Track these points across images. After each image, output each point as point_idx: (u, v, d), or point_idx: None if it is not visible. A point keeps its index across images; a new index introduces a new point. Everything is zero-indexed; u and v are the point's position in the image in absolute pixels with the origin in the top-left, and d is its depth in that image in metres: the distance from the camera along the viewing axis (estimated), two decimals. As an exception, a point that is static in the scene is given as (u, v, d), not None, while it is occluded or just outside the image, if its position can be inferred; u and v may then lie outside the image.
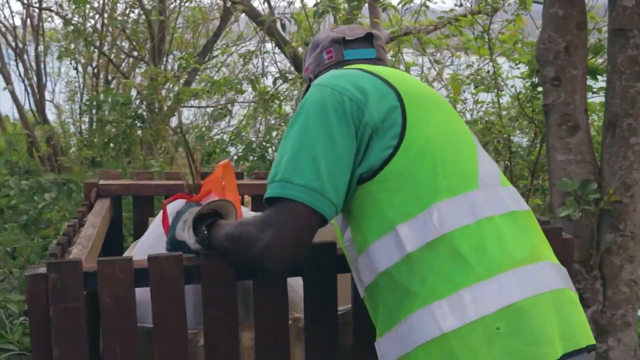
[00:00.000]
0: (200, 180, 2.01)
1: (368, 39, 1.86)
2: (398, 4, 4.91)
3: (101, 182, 2.56)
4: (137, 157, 5.24)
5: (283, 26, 4.54)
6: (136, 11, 6.65)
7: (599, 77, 3.82)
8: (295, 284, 1.88)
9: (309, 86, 1.80)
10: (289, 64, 5.80)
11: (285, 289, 1.74)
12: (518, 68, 4.89)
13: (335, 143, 1.47)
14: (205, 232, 1.65)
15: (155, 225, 2.08)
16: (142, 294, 1.70)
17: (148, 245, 2.04)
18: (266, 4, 5.25)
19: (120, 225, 2.62)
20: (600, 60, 4.22)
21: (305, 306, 1.78)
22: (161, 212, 2.05)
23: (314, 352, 1.80)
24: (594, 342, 1.49)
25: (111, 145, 5.02)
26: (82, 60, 6.73)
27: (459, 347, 1.36)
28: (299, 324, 1.81)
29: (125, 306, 1.65)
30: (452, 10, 5.10)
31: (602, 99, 4.13)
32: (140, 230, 2.54)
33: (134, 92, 6.13)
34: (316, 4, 4.47)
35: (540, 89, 4.09)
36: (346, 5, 4.81)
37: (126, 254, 2.26)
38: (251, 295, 1.76)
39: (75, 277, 1.61)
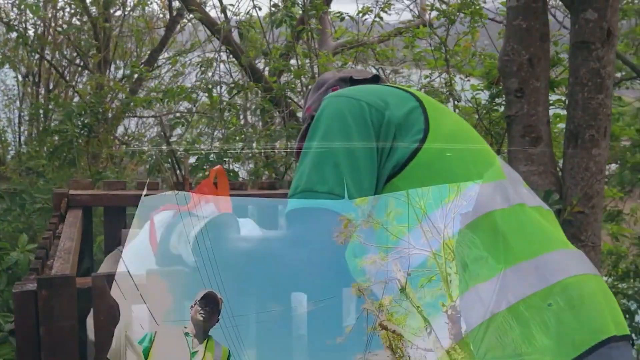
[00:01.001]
0: (189, 189, 1.93)
1: (374, 81, 1.85)
2: (357, 14, 4.94)
3: (71, 192, 2.44)
4: (83, 167, 5.07)
5: (241, 35, 4.50)
6: (80, 18, 6.47)
7: (554, 90, 3.91)
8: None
9: (309, 125, 1.72)
10: (236, 73, 5.76)
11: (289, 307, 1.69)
12: (468, 80, 4.96)
13: (357, 149, 1.44)
14: (210, 246, 1.59)
15: (140, 239, 1.99)
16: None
17: (137, 261, 1.94)
18: (221, 13, 5.18)
19: (90, 237, 2.51)
20: (553, 74, 4.31)
21: (309, 323, 1.72)
22: (147, 224, 1.96)
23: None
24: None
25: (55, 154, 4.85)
26: (23, 68, 6.51)
27: (509, 327, 1.32)
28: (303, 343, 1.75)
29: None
30: (410, 21, 5.16)
31: (557, 110, 4.23)
32: (111, 242, 2.44)
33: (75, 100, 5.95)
34: (273, 13, 4.44)
35: (498, 100, 4.17)
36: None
37: (102, 268, 2.16)
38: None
39: (68, 294, 1.53)
